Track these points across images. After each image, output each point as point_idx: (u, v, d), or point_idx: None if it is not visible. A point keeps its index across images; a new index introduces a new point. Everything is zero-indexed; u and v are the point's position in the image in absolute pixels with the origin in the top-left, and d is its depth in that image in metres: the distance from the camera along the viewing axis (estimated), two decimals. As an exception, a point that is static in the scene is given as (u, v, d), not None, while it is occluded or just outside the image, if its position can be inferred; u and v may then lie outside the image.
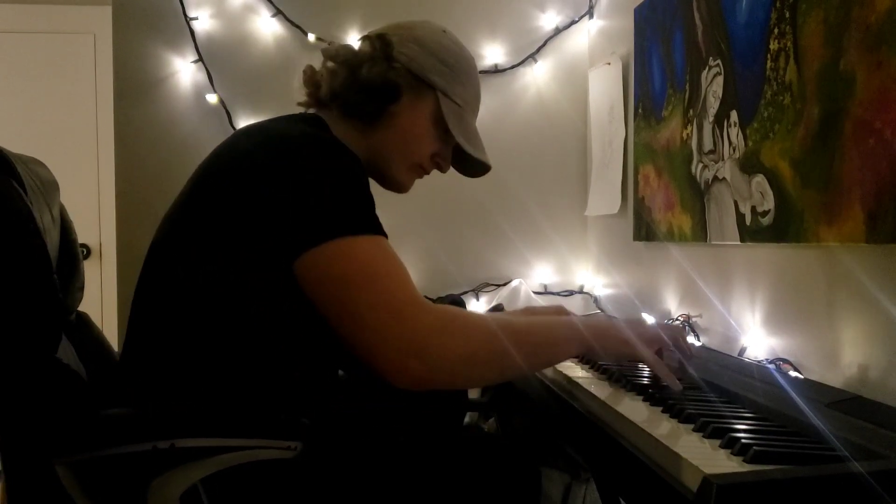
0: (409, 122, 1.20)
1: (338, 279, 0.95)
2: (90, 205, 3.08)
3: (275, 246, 0.97)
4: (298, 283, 0.97)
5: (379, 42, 1.19)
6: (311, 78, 1.22)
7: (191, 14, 2.46)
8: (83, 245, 3.04)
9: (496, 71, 2.56)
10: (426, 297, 1.01)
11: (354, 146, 1.15)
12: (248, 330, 1.00)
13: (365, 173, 1.06)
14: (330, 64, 1.20)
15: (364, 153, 1.18)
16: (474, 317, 1.04)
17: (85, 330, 1.27)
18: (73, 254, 1.25)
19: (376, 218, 1.01)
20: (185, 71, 2.47)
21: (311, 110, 1.24)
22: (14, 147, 1.13)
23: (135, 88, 2.46)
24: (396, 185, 1.27)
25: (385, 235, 1.01)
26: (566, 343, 1.06)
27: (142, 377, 1.02)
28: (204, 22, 2.47)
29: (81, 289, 1.27)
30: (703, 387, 1.11)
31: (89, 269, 3.06)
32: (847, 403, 0.96)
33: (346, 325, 0.96)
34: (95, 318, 1.33)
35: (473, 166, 1.32)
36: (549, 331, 1.07)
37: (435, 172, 1.30)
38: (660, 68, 1.95)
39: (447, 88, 1.21)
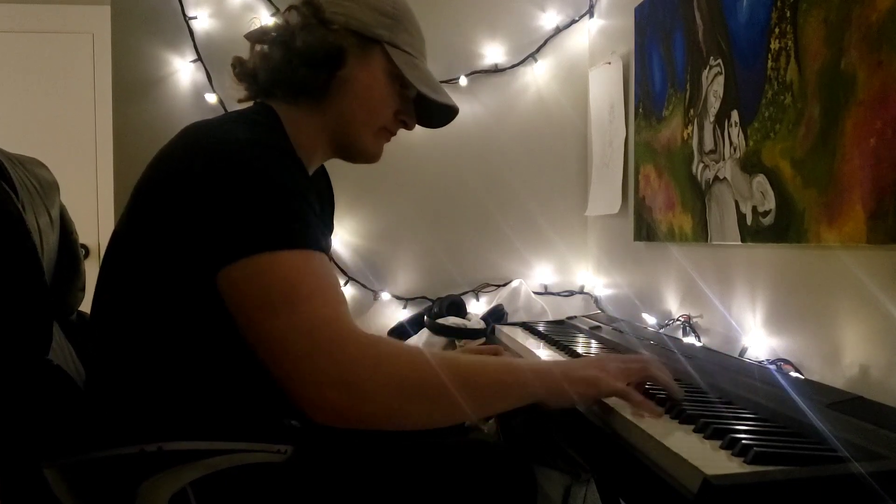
0: (364, 85, 1.10)
1: (256, 298, 0.85)
2: (89, 205, 3.08)
3: (201, 260, 0.89)
4: (223, 300, 0.88)
5: (307, 8, 1.08)
6: (243, 70, 1.12)
7: (190, 13, 2.46)
8: (82, 245, 3.04)
9: (496, 70, 2.55)
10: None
11: (312, 129, 1.12)
12: (233, 332, 0.98)
13: (304, 180, 0.97)
14: (260, 47, 1.10)
15: (324, 132, 1.13)
16: (409, 348, 0.90)
17: (86, 329, 1.26)
18: (74, 254, 1.24)
19: (310, 230, 0.90)
20: (183, 70, 2.47)
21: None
22: (12, 147, 1.13)
23: (133, 88, 2.46)
24: (366, 156, 1.18)
25: (321, 250, 0.90)
26: (520, 387, 0.92)
27: (123, 379, 1.00)
28: (203, 21, 2.47)
29: (83, 289, 1.27)
30: (707, 389, 1.11)
31: (88, 269, 3.06)
32: (848, 404, 0.96)
33: (265, 350, 0.85)
34: (93, 317, 1.32)
35: (438, 115, 1.22)
36: (501, 373, 0.93)
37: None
38: (660, 68, 1.95)
39: (394, 39, 1.11)
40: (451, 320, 2.22)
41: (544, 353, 1.38)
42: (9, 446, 0.96)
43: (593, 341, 1.51)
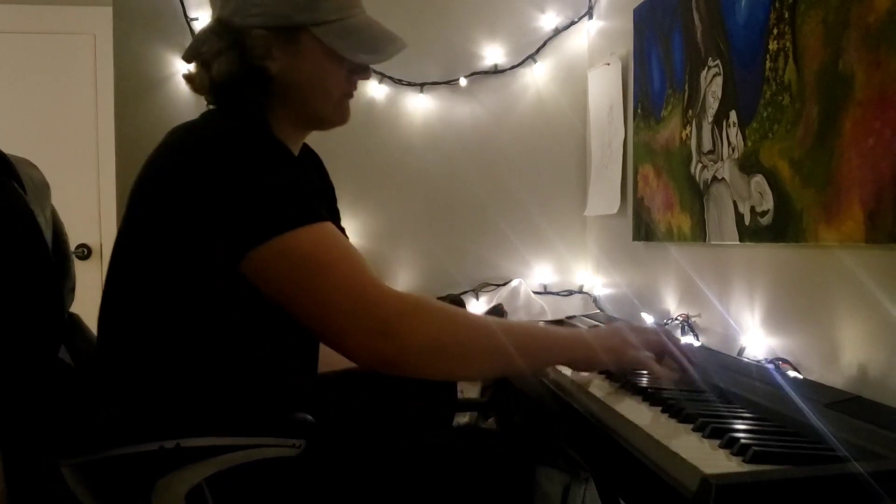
0: (305, 74, 1.09)
1: (292, 274, 0.94)
2: (90, 205, 3.08)
3: (221, 250, 0.95)
4: (251, 283, 0.95)
5: (217, 26, 1.07)
6: (195, 86, 1.15)
7: (191, 14, 2.46)
8: (83, 245, 3.04)
9: (496, 71, 2.56)
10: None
11: (277, 120, 1.11)
12: (246, 327, 1.00)
13: (293, 161, 1.03)
14: (194, 68, 1.13)
15: (288, 119, 1.13)
16: (445, 306, 1.00)
17: (76, 331, 1.27)
18: (65, 255, 1.25)
19: (314, 204, 0.98)
20: (185, 71, 2.47)
21: None
22: (13, 148, 1.13)
23: (135, 89, 2.46)
24: (335, 123, 1.17)
25: (328, 220, 0.98)
26: (547, 351, 1.05)
27: (137, 378, 1.02)
28: (204, 22, 2.46)
29: (73, 290, 1.28)
30: (705, 388, 1.11)
31: (89, 269, 3.07)
32: (846, 404, 0.96)
33: (312, 314, 0.95)
34: (95, 317, 1.33)
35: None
36: (534, 334, 1.05)
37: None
38: (659, 68, 1.95)
39: (315, 17, 1.07)
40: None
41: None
42: (25, 445, 0.97)
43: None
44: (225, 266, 0.95)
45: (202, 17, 2.46)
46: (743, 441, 0.79)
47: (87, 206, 3.06)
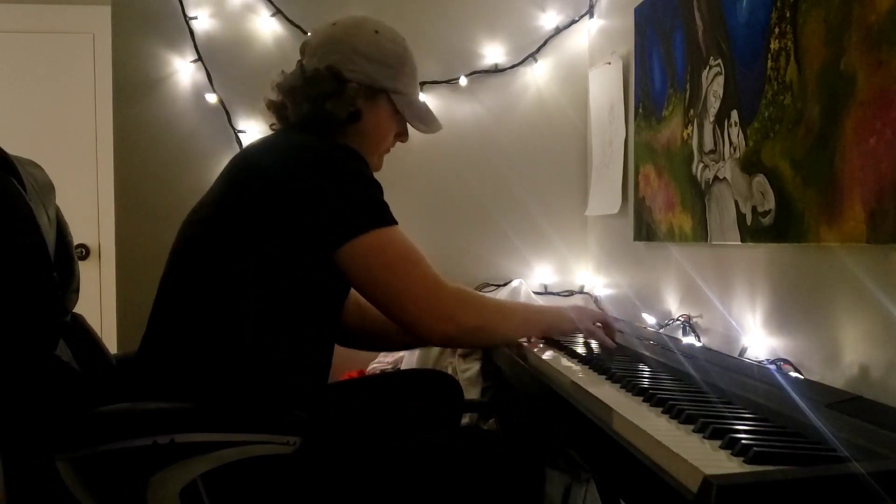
0: (373, 127, 1.39)
1: (386, 264, 1.21)
2: (89, 205, 3.08)
3: (315, 239, 1.15)
4: (341, 268, 1.18)
5: (328, 72, 1.33)
6: (277, 110, 1.38)
7: (190, 13, 2.46)
8: (82, 245, 3.04)
9: (496, 71, 2.56)
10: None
11: None
12: (252, 327, 1.02)
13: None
14: (292, 97, 1.34)
15: None
16: (480, 295, 1.43)
17: (79, 331, 1.27)
18: (68, 255, 1.25)
19: (389, 209, 1.25)
20: (184, 70, 2.47)
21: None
22: (13, 147, 1.13)
23: (134, 88, 2.46)
24: (372, 168, 1.38)
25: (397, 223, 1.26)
26: (536, 324, 1.43)
27: (149, 374, 1.04)
28: (203, 21, 2.47)
29: (77, 290, 1.28)
30: (705, 388, 1.11)
31: (88, 269, 3.07)
32: (848, 404, 0.96)
33: (393, 299, 1.23)
34: (94, 318, 1.33)
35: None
36: (526, 313, 1.46)
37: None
38: (660, 68, 1.95)
39: (396, 86, 1.38)
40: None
41: (545, 353, 1.39)
42: (21, 440, 0.98)
43: (593, 342, 1.51)
44: (308, 256, 1.15)
45: (201, 17, 2.46)
46: (744, 442, 0.78)
47: (85, 206, 3.05)
